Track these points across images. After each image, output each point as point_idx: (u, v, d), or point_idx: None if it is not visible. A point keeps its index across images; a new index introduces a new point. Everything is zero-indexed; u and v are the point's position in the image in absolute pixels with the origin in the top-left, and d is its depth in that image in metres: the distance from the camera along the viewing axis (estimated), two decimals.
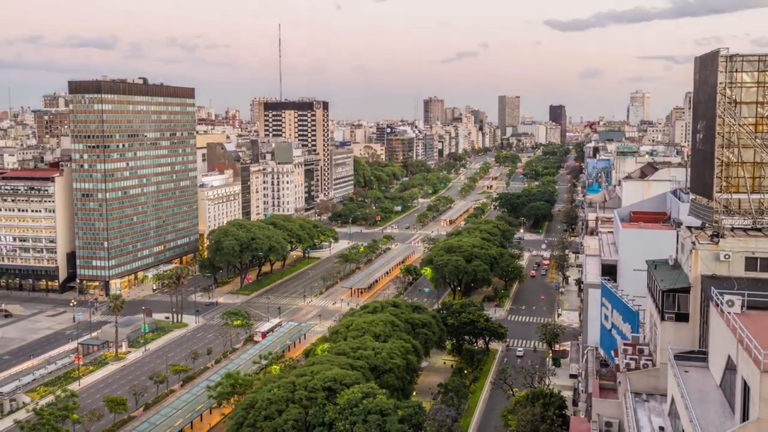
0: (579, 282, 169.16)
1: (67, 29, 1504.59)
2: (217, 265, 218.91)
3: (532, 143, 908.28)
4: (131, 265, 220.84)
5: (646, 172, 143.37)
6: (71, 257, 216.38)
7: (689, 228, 48.22)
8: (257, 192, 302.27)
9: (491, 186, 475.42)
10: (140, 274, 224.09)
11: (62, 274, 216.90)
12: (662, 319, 44.13)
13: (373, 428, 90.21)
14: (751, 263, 42.99)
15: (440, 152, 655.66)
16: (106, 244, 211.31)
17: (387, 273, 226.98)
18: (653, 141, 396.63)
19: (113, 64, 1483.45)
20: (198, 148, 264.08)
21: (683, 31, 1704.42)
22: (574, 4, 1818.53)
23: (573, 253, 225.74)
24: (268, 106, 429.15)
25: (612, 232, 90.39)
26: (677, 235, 50.64)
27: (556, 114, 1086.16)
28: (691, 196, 54.07)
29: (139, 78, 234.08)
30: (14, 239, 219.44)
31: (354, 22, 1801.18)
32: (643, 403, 41.95)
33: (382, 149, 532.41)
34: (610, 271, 74.96)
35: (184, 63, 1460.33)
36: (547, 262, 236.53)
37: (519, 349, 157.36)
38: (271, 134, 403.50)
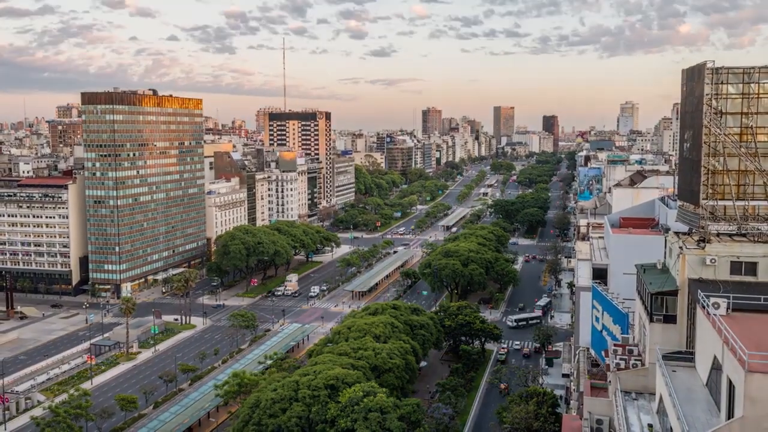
0: (571, 285, 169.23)
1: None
2: (224, 268, 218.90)
3: (526, 152, 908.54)
4: (141, 269, 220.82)
5: (636, 179, 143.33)
6: (84, 261, 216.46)
7: (677, 233, 48.30)
8: (262, 199, 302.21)
9: (487, 193, 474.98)
10: (150, 278, 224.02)
11: (75, 278, 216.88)
12: (651, 320, 44.18)
13: (373, 425, 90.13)
14: (736, 267, 43.10)
15: (438, 161, 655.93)
16: (117, 248, 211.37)
17: (387, 277, 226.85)
18: (642, 150, 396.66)
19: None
20: (205, 157, 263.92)
21: None
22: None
23: (565, 257, 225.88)
24: (273, 117, 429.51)
25: (603, 237, 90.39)
26: (665, 240, 50.71)
27: (549, 124, 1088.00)
28: (679, 202, 54.17)
29: (149, 89, 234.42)
30: (29, 244, 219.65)
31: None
32: (632, 401, 41.95)
33: (382, 158, 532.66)
34: (600, 274, 74.99)
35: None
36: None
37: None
38: (275, 143, 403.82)
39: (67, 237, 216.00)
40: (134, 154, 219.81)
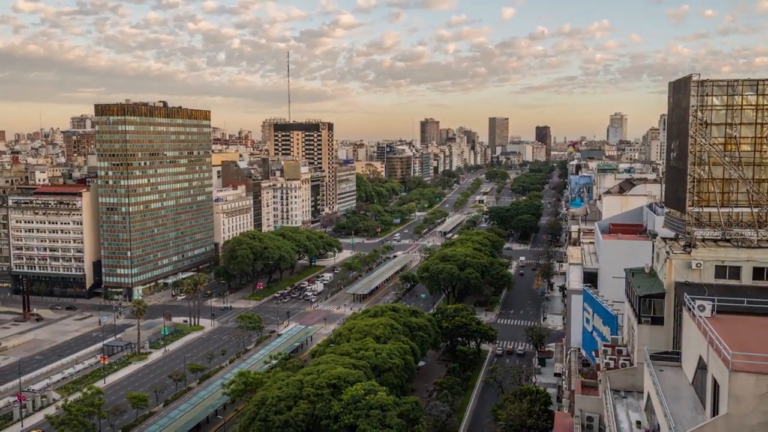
0: (563, 288, 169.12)
1: None
2: (231, 272, 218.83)
3: (519, 161, 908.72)
4: (152, 273, 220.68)
5: (624, 187, 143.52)
6: (97, 265, 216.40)
7: (664, 239, 48.37)
8: (268, 206, 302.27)
9: (482, 200, 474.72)
10: (160, 281, 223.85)
11: (89, 281, 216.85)
12: (639, 322, 44.21)
13: (374, 422, 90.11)
14: (720, 271, 43.18)
15: (436, 169, 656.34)
16: (129, 253, 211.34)
17: (387, 280, 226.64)
18: (631, 159, 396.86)
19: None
20: (213, 166, 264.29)
21: None
22: None
23: (557, 262, 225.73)
24: (278, 127, 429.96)
25: (593, 242, 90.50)
26: (653, 245, 50.80)
27: (542, 134, 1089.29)
28: (666, 209, 54.31)
29: (160, 101, 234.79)
30: (45, 249, 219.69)
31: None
32: (621, 399, 41.96)
33: (382, 167, 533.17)
34: (591, 278, 75.07)
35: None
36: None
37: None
38: (280, 153, 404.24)
39: (81, 242, 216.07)
40: (145, 163, 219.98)
